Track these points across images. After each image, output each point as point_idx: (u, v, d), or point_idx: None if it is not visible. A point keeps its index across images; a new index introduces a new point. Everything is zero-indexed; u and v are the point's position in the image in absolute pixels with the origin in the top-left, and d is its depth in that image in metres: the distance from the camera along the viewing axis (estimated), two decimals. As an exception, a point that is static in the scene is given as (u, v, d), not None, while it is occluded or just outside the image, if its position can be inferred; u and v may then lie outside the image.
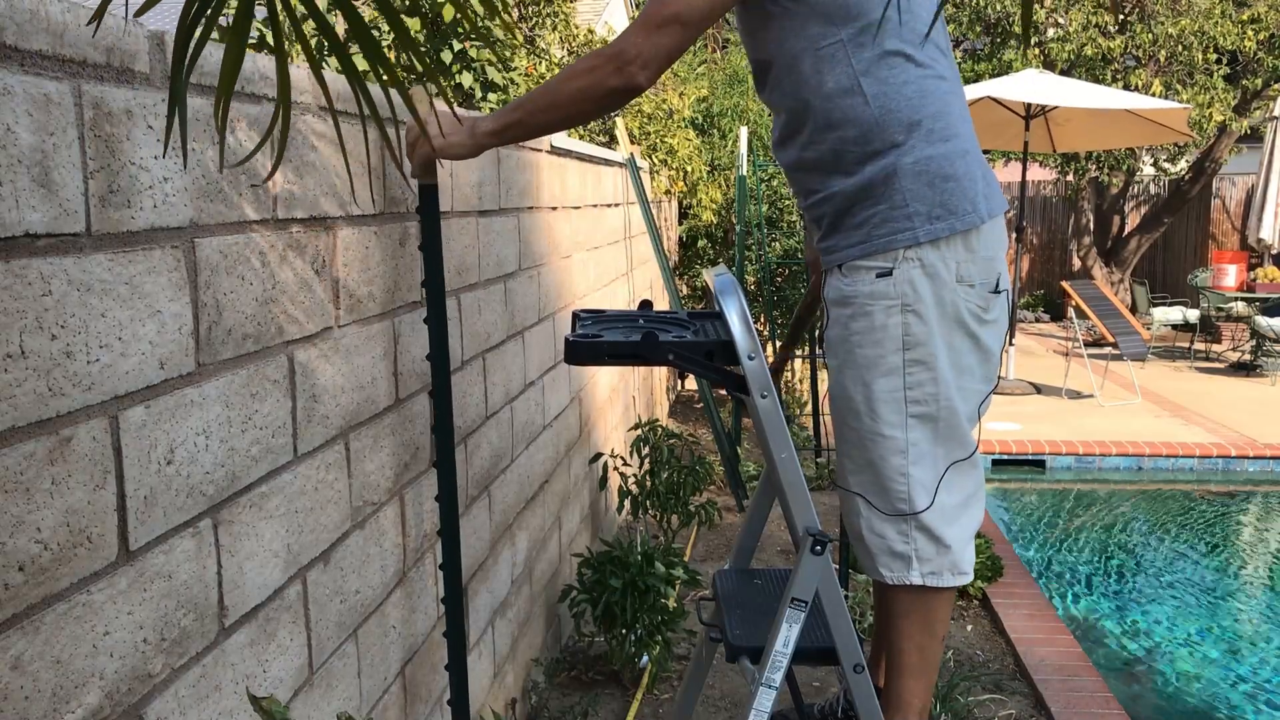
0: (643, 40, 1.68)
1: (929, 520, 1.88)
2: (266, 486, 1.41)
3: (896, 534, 1.90)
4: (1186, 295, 12.11)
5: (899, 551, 1.91)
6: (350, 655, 1.69)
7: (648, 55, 1.69)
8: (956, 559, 1.91)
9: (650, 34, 1.69)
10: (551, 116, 1.77)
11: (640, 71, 1.69)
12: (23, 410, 0.96)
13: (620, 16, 16.40)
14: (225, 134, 1.20)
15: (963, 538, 1.92)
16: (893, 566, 1.92)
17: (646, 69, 1.69)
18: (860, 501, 1.93)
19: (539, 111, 1.76)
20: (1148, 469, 6.56)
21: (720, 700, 3.06)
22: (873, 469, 1.90)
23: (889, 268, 1.83)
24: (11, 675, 0.95)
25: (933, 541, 1.89)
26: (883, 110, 1.80)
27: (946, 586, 1.92)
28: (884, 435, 1.87)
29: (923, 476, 1.87)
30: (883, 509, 1.90)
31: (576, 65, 1.73)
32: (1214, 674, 3.82)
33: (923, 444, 1.87)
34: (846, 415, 1.92)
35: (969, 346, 1.88)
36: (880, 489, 1.90)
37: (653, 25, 1.69)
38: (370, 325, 1.76)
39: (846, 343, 1.89)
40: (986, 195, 1.88)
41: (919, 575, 1.90)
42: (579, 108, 1.75)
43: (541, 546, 3.07)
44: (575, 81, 1.72)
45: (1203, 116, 10.49)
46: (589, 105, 1.74)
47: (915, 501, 1.87)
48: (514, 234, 2.73)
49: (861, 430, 1.90)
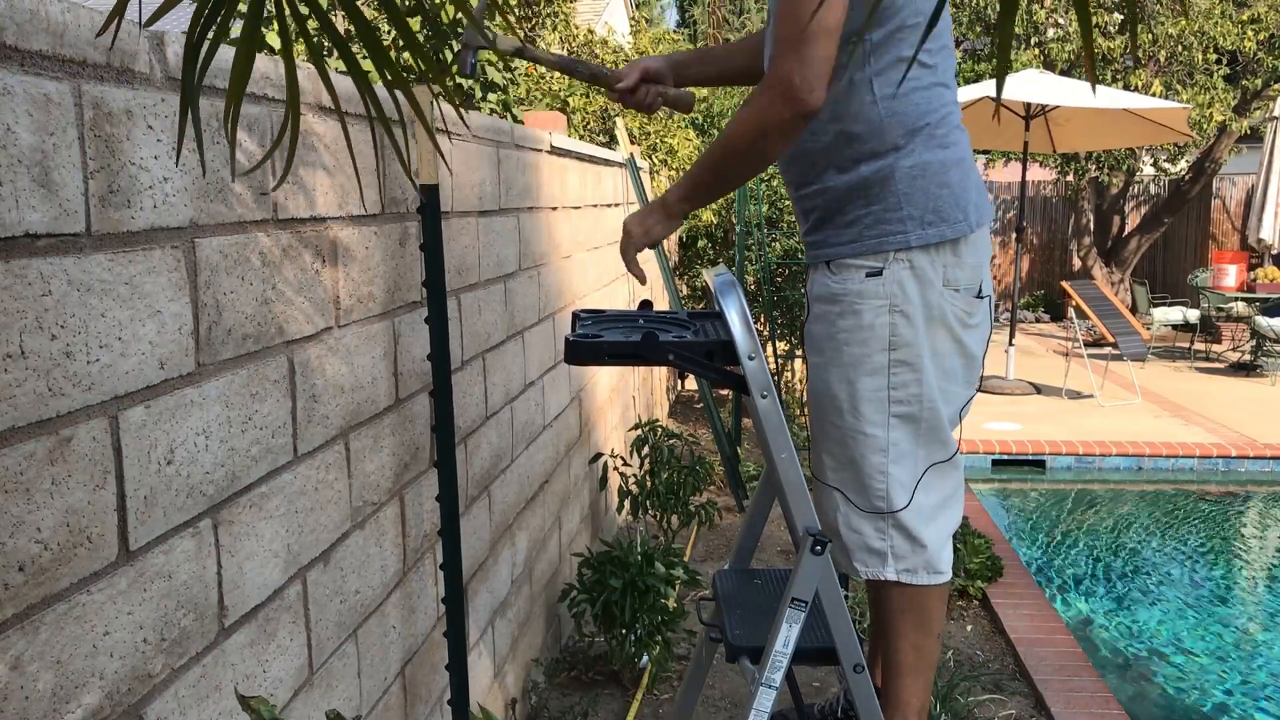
0: (797, 62, 1.68)
1: (906, 519, 1.90)
2: (266, 486, 1.41)
3: (873, 531, 1.91)
4: (1186, 295, 12.11)
5: (875, 548, 1.92)
6: (350, 655, 1.69)
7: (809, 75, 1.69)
8: (932, 558, 1.92)
9: (800, 52, 1.68)
10: (735, 164, 1.82)
11: (809, 94, 1.69)
12: (23, 410, 0.96)
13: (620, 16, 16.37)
14: (236, 144, 1.20)
15: (939, 537, 1.94)
16: (868, 562, 1.93)
17: (814, 89, 1.69)
18: (838, 497, 1.94)
19: (721, 165, 1.83)
20: (1148, 469, 6.56)
21: (720, 700, 3.06)
22: (853, 466, 1.91)
23: (879, 267, 1.84)
24: (11, 675, 0.95)
25: (909, 540, 1.91)
26: (889, 112, 1.80)
27: (921, 584, 1.93)
28: (865, 433, 1.88)
29: (902, 476, 1.88)
30: (860, 506, 1.91)
31: (743, 111, 1.76)
32: (1214, 674, 3.82)
33: (904, 444, 1.88)
34: (829, 412, 1.93)
35: (953, 350, 1.89)
36: (859, 486, 1.91)
37: (799, 43, 1.69)
38: (371, 325, 1.76)
39: (833, 340, 1.90)
40: (977, 204, 1.89)
41: (894, 571, 1.91)
42: (759, 148, 1.78)
43: (541, 546, 3.08)
44: (749, 125, 1.76)
45: (1203, 117, 10.49)
46: (770, 144, 1.77)
47: (894, 500, 1.89)
48: (514, 234, 2.73)
49: (844, 427, 1.91)
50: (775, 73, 1.71)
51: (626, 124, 6.95)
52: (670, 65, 2.14)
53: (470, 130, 2.32)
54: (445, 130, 2.13)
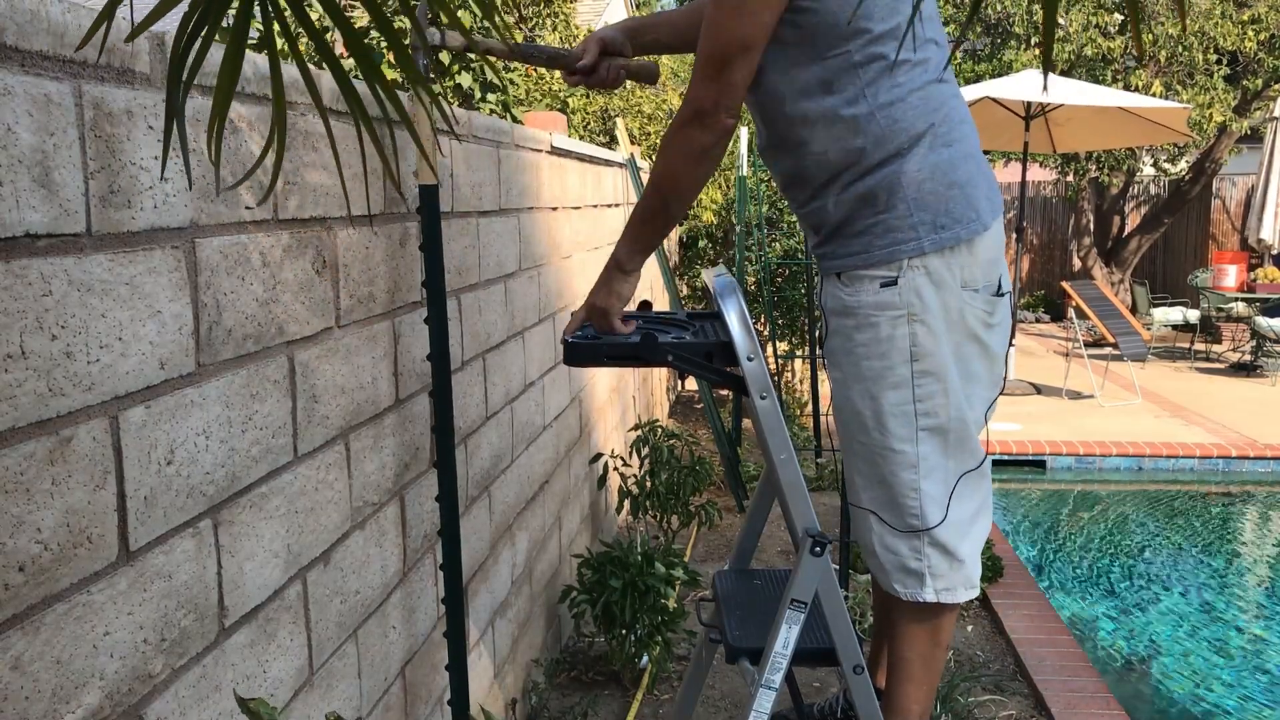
0: (714, 89, 1.71)
1: (942, 536, 1.85)
2: (266, 487, 1.41)
3: (909, 550, 1.86)
4: (1187, 296, 12.10)
5: (912, 569, 1.87)
6: (350, 655, 1.69)
7: (725, 100, 1.71)
8: (969, 573, 1.88)
9: (717, 80, 1.70)
10: (675, 198, 1.82)
11: (727, 118, 1.72)
12: (23, 410, 0.96)
13: (620, 16, 16.35)
14: (220, 160, 1.20)
15: (974, 551, 1.89)
16: (906, 583, 1.88)
17: (731, 113, 1.72)
18: (872, 517, 1.89)
19: (661, 207, 1.82)
20: (1148, 469, 6.56)
21: (720, 700, 3.06)
22: (884, 485, 1.85)
23: (893, 277, 1.78)
24: (11, 675, 0.95)
25: (946, 557, 1.86)
26: (889, 120, 1.75)
27: (959, 602, 1.90)
28: (894, 450, 1.82)
29: (934, 491, 1.83)
30: (895, 525, 1.86)
31: (664, 143, 1.77)
32: (1214, 674, 3.82)
33: (933, 457, 1.82)
34: (854, 430, 1.87)
35: (977, 353, 1.84)
36: (892, 505, 1.86)
37: (718, 67, 1.70)
38: (371, 325, 1.76)
39: (851, 355, 1.84)
40: (989, 197, 1.84)
41: (933, 592, 1.87)
42: (693, 175, 1.79)
43: (541, 547, 3.08)
44: (676, 159, 1.77)
45: (1203, 117, 10.49)
46: (702, 169, 1.78)
47: (928, 517, 1.83)
48: (514, 234, 2.73)
49: (871, 445, 1.85)
50: (692, 99, 1.73)
51: (626, 124, 6.95)
52: (625, 31, 2.05)
53: (455, 130, 2.32)
54: (447, 130, 2.13)
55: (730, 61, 1.69)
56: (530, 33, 6.02)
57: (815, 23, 1.73)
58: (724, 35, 1.69)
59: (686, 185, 1.80)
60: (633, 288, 1.86)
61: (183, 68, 0.77)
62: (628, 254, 1.84)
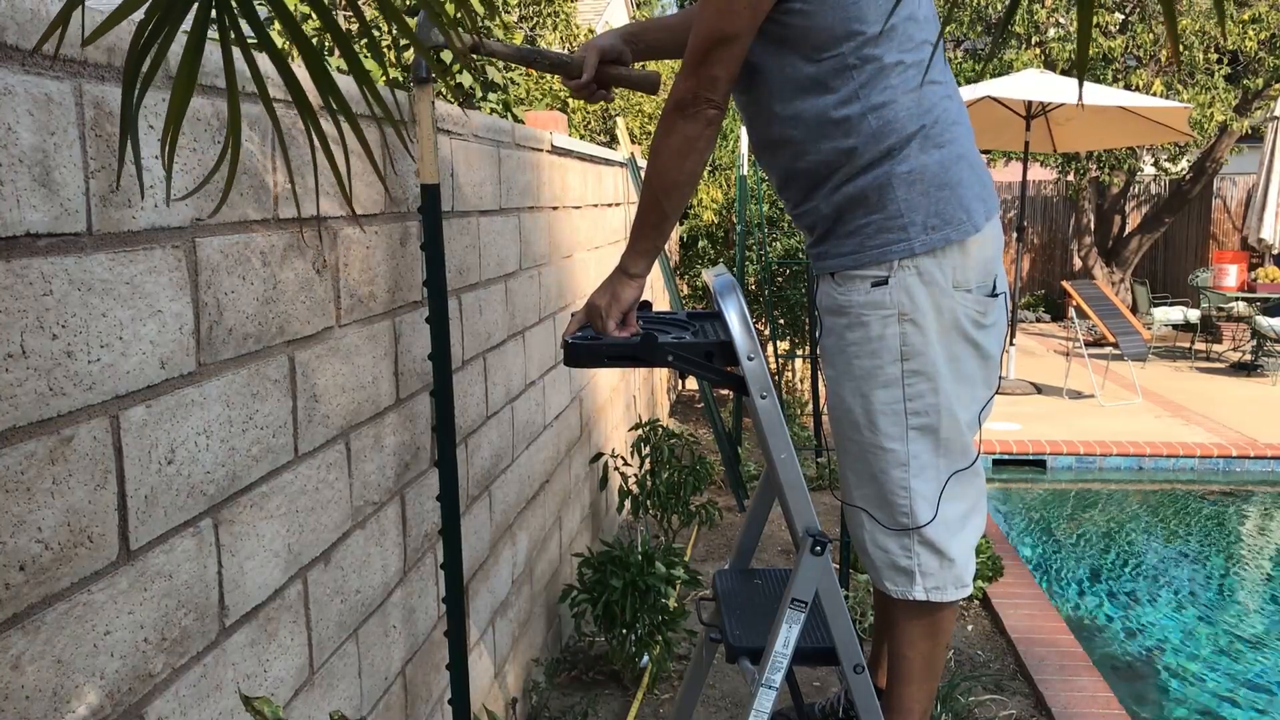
0: (695, 81, 1.72)
1: (932, 534, 1.86)
2: (267, 486, 1.41)
3: (899, 549, 1.88)
4: (1187, 295, 12.11)
5: (902, 566, 1.88)
6: (351, 655, 1.69)
7: (702, 89, 1.72)
8: (960, 572, 1.89)
9: (699, 73, 1.72)
10: (673, 196, 1.82)
11: (706, 107, 1.73)
12: (23, 410, 0.96)
13: (621, 16, 16.36)
14: (172, 168, 1.19)
15: (966, 550, 1.90)
16: (897, 581, 1.89)
17: (709, 102, 1.73)
18: (864, 515, 1.90)
19: (659, 207, 1.82)
20: (1148, 469, 6.56)
21: (720, 700, 3.06)
22: (874, 482, 1.87)
23: (884, 276, 1.79)
24: (12, 675, 0.95)
25: (936, 556, 1.87)
26: (881, 122, 1.76)
27: (949, 600, 1.91)
28: (884, 448, 1.84)
29: (925, 489, 1.84)
30: (885, 523, 1.87)
31: (655, 141, 1.78)
32: (1215, 674, 3.82)
33: (924, 456, 1.83)
34: (846, 428, 1.89)
35: (970, 354, 1.84)
36: (883, 502, 1.87)
37: (697, 58, 1.72)
38: (371, 325, 1.76)
39: (843, 353, 1.86)
40: (982, 198, 1.83)
41: (922, 591, 1.88)
42: (688, 169, 1.79)
43: (542, 546, 3.08)
44: (670, 155, 1.77)
45: (1203, 116, 10.49)
46: (695, 161, 1.78)
47: (918, 515, 1.85)
48: (515, 234, 2.73)
49: (862, 443, 1.87)
50: (672, 91, 1.74)
51: (627, 123, 6.95)
52: (624, 37, 2.07)
53: (450, 128, 2.32)
54: (447, 131, 2.13)
55: (709, 53, 1.71)
56: (531, 32, 6.02)
57: (806, 25, 1.74)
58: (704, 28, 1.71)
59: (676, 179, 1.80)
60: (635, 292, 1.85)
61: (138, 74, 0.76)
62: (630, 257, 1.85)
